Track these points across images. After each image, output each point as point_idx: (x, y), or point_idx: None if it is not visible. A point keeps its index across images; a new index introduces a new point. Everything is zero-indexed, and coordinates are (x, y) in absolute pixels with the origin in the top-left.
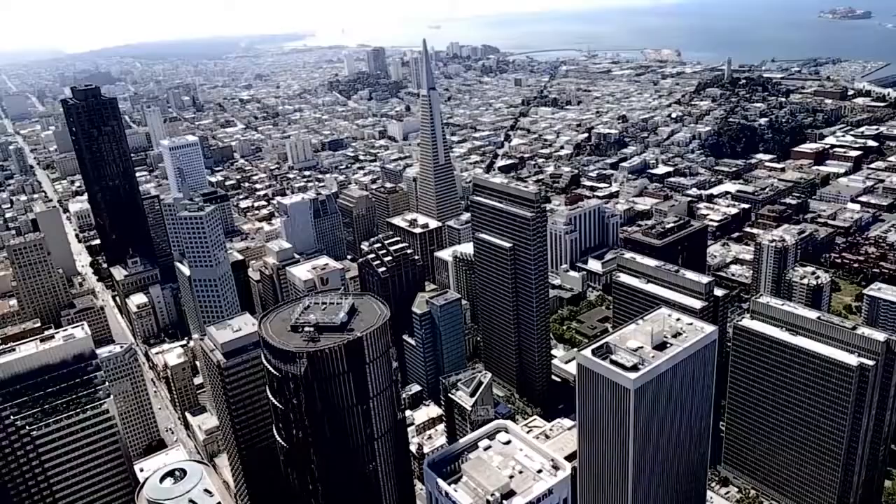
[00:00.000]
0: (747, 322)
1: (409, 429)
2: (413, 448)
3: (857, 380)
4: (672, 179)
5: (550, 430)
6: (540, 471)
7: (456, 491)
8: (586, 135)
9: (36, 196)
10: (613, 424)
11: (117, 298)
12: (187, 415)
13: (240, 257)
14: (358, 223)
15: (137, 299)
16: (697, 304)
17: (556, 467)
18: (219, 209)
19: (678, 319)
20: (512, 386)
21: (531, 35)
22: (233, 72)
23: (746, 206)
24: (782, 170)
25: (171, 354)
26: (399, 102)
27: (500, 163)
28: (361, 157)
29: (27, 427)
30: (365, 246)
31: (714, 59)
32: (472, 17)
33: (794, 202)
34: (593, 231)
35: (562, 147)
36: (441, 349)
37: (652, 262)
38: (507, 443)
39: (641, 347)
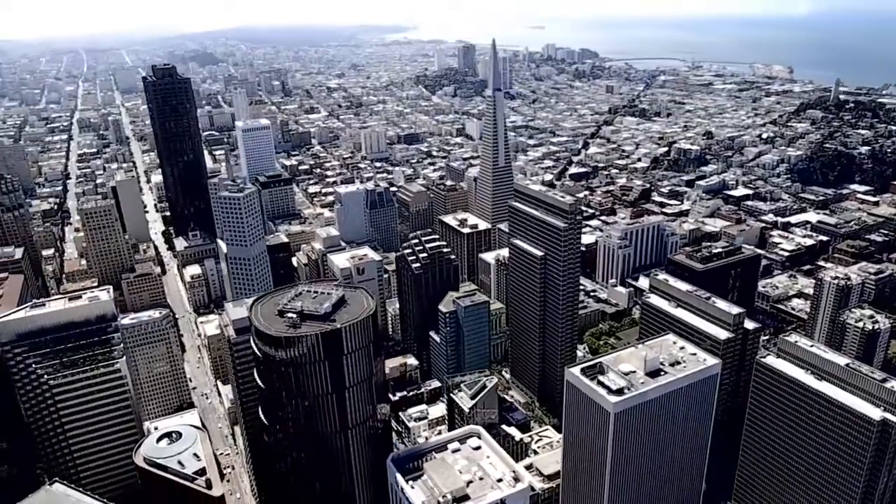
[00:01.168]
0: (771, 360)
1: (422, 422)
2: (421, 440)
3: (878, 435)
4: (749, 203)
5: (557, 442)
6: (500, 480)
7: (413, 488)
8: (666, 149)
9: (125, 165)
10: (593, 446)
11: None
12: (218, 383)
13: (285, 240)
14: (414, 217)
15: (192, 270)
16: (723, 334)
17: (516, 479)
18: (256, 193)
19: (682, 348)
20: (533, 394)
21: (635, 41)
22: (331, 60)
23: (825, 238)
24: (876, 203)
25: (211, 325)
26: (482, 101)
27: (572, 170)
28: (434, 153)
29: (46, 376)
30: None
31: (829, 78)
32: (577, 19)
33: (880, 239)
34: (650, 248)
35: (639, 159)
36: (463, 349)
37: (683, 287)
38: (477, 448)
39: (633, 372)
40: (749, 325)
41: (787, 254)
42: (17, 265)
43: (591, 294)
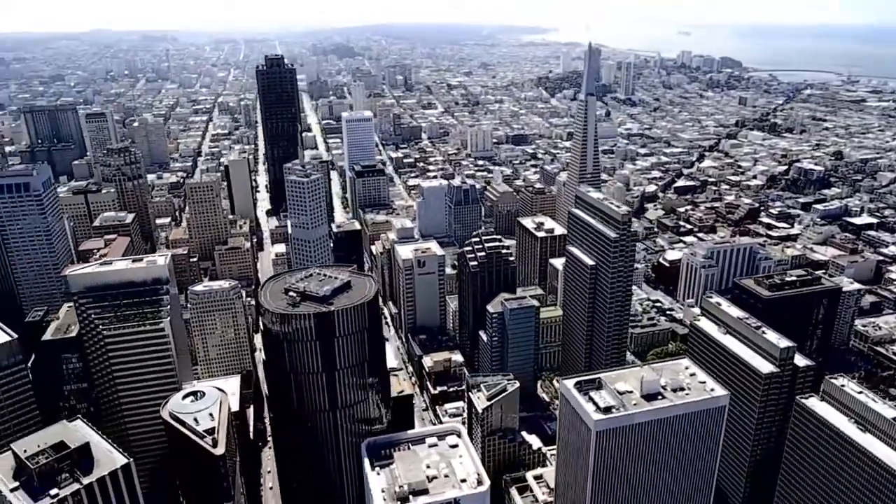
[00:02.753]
0: (813, 402)
1: (457, 419)
2: None
3: None
4: (872, 233)
5: None
6: (464, 480)
7: (378, 475)
8: (786, 167)
9: (248, 147)
10: (577, 461)
11: None
12: None
13: (357, 227)
14: (498, 217)
15: (278, 248)
16: (766, 368)
17: (480, 482)
18: (322, 179)
19: (692, 374)
20: None
21: (788, 52)
22: (463, 58)
23: None
24: None
25: None
26: (601, 107)
27: (680, 183)
28: (540, 155)
29: (101, 327)
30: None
31: None
32: (727, 25)
33: None
34: (739, 271)
35: (754, 177)
36: (507, 351)
37: (735, 312)
38: (454, 447)
39: (630, 392)
40: (801, 361)
41: None
42: (126, 229)
43: (667, 312)
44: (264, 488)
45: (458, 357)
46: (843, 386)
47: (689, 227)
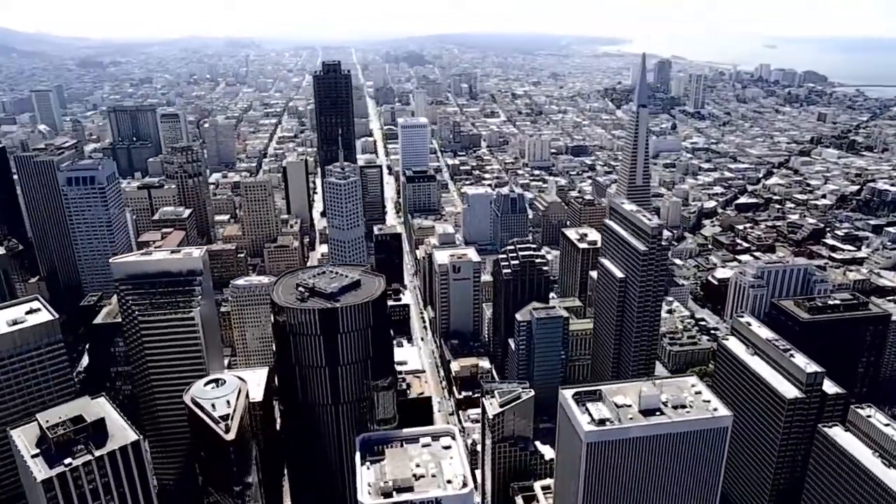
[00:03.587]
0: (836, 432)
1: (477, 425)
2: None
3: None
4: None
5: None
6: (450, 481)
7: (368, 469)
8: (858, 187)
9: (310, 150)
10: (569, 470)
11: None
12: None
13: (398, 231)
14: (546, 227)
15: (323, 249)
16: (791, 393)
17: (465, 484)
18: (359, 182)
19: (698, 392)
20: None
21: (881, 66)
22: (534, 68)
23: None
24: None
25: None
26: (668, 119)
27: (742, 200)
28: (598, 167)
29: (137, 312)
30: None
31: None
32: (817, 39)
33: None
34: (791, 293)
35: (823, 196)
36: (533, 360)
37: (765, 334)
38: (447, 448)
39: (628, 406)
40: (831, 388)
41: None
42: (182, 223)
43: (711, 331)
44: (287, 478)
45: (485, 363)
46: (869, 417)
47: (746, 245)
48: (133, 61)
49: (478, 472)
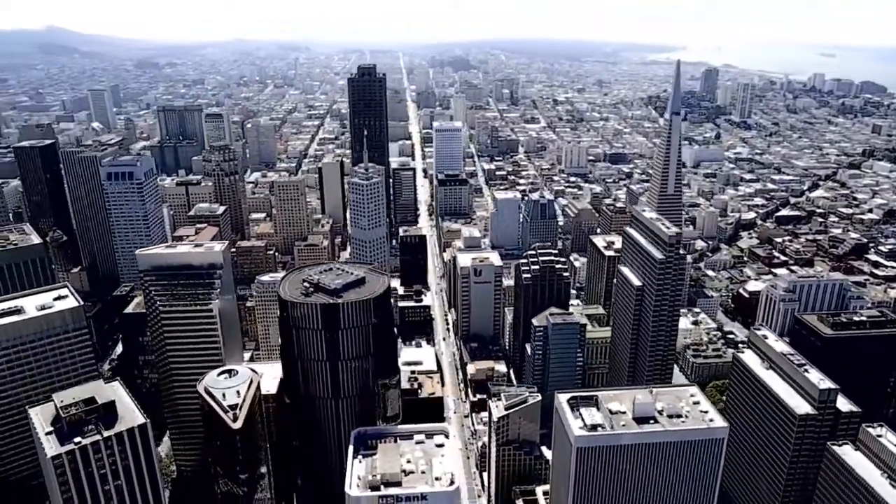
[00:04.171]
0: (845, 451)
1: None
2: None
3: None
4: None
5: None
6: (438, 479)
7: (360, 462)
8: None
9: (349, 151)
10: (562, 475)
11: None
12: None
13: (423, 233)
14: (576, 234)
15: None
16: (803, 409)
17: (452, 482)
18: (381, 183)
19: (696, 403)
20: None
21: None
22: (580, 74)
23: None
24: None
25: None
26: (712, 129)
27: (783, 212)
28: (636, 175)
29: (159, 303)
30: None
31: None
32: (877, 48)
33: None
34: (824, 308)
35: (869, 210)
36: (548, 365)
37: (780, 348)
38: (440, 446)
39: (622, 413)
40: (845, 406)
41: None
42: (216, 219)
43: (739, 344)
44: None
45: (501, 367)
46: (879, 436)
47: (783, 258)
48: (188, 63)
49: (485, 475)
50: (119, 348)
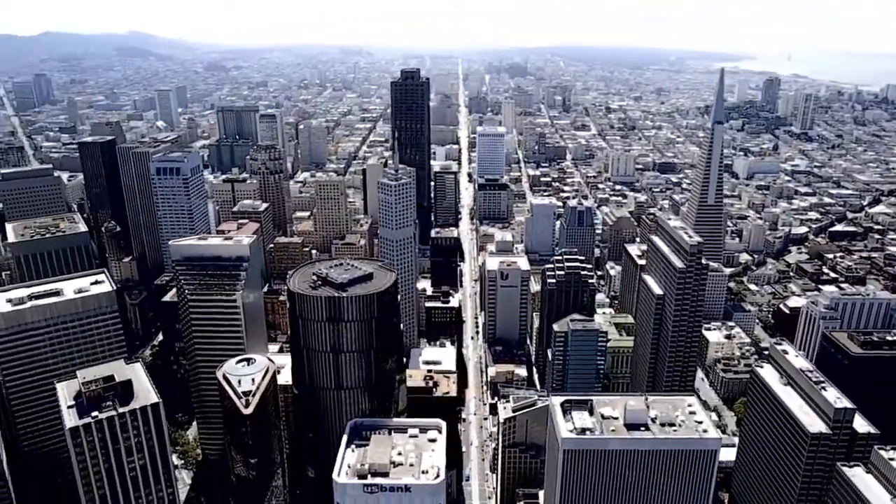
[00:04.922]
0: (855, 473)
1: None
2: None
3: None
4: None
5: None
6: (425, 472)
7: (353, 452)
8: None
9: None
10: (552, 476)
11: None
12: None
13: (455, 235)
14: (614, 242)
15: None
16: (816, 427)
17: (437, 476)
18: (410, 184)
19: (692, 413)
20: None
21: None
22: (640, 83)
23: None
24: None
25: None
26: (770, 140)
27: (838, 227)
28: (685, 185)
29: (187, 291)
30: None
31: None
32: None
33: None
34: (868, 327)
35: None
36: (567, 371)
37: (799, 364)
38: (432, 440)
39: (615, 418)
40: (863, 427)
41: None
42: (258, 216)
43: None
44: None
45: (521, 371)
46: (892, 459)
47: (833, 275)
48: (253, 66)
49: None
50: (161, 336)
